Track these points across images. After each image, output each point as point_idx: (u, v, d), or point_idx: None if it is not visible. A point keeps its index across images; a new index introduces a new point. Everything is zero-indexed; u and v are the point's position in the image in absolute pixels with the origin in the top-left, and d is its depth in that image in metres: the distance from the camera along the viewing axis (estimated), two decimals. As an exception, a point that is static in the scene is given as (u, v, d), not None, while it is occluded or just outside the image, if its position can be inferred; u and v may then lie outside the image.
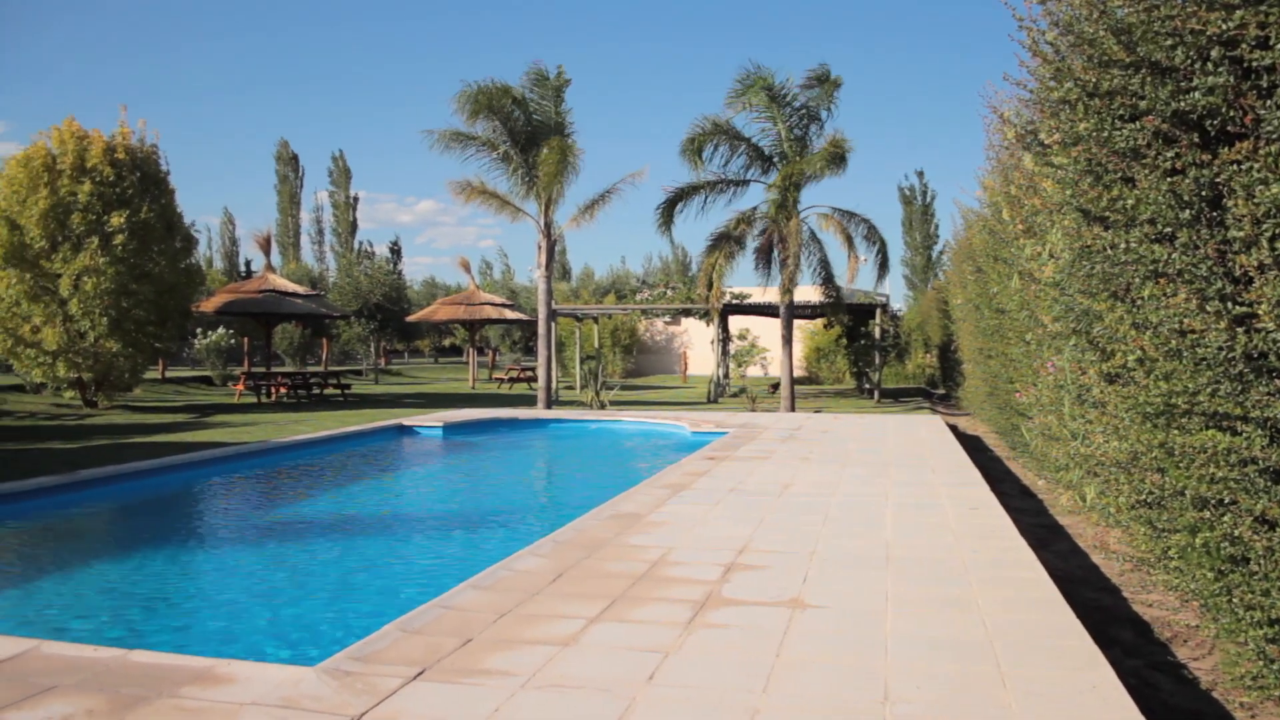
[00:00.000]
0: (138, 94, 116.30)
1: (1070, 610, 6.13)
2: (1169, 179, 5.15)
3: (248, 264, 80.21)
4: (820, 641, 5.64)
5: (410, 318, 47.57)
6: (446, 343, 75.15)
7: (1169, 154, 5.13)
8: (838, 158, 24.51)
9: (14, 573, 9.88)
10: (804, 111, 25.60)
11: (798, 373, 36.45)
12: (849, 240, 25.99)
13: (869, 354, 34.01)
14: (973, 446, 16.95)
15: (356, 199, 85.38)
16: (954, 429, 19.22)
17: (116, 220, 23.02)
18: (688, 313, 37.00)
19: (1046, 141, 7.03)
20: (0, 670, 5.28)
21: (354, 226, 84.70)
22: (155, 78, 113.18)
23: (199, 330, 36.77)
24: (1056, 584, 6.81)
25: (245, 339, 41.02)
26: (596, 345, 37.24)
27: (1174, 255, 5.15)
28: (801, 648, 5.51)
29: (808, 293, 29.23)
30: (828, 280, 27.26)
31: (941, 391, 33.91)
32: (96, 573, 9.80)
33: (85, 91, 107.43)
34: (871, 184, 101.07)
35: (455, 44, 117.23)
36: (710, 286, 26.38)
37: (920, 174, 67.11)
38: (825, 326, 40.03)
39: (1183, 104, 5.01)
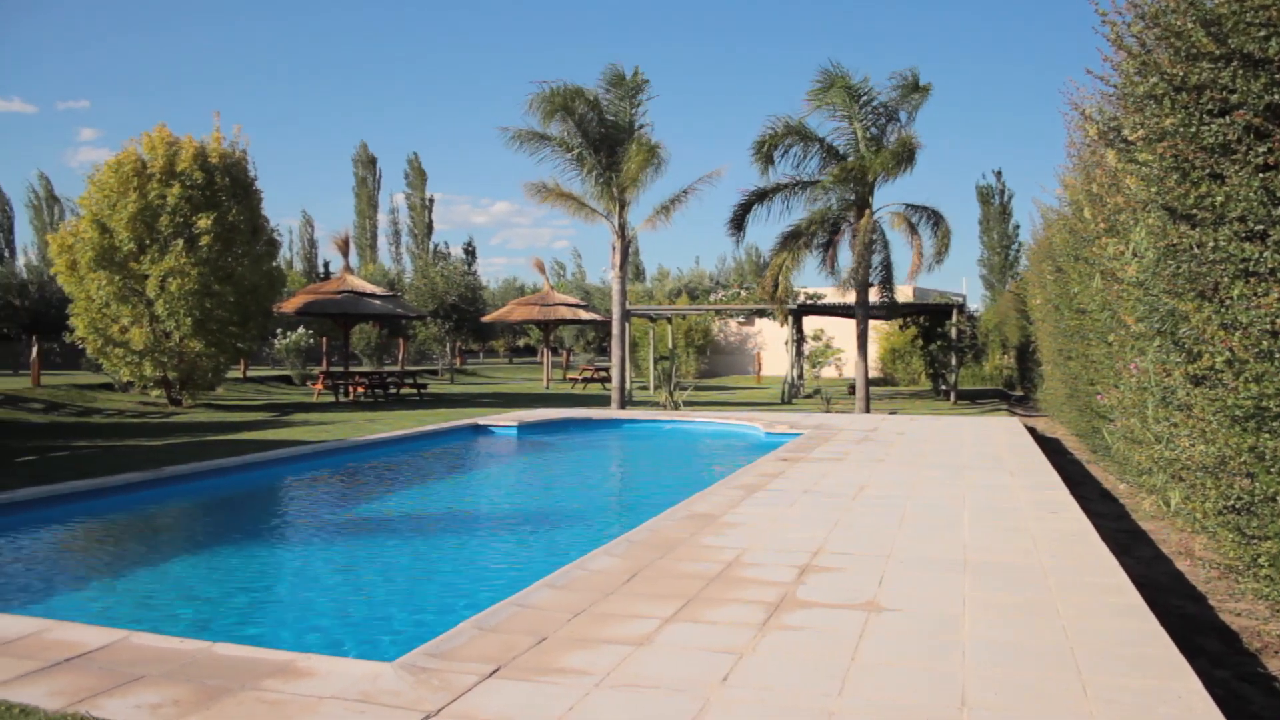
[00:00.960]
0: (223, 100, 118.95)
1: (1154, 618, 5.99)
2: (1261, 175, 5.01)
3: (326, 265, 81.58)
4: (896, 645, 5.58)
5: (485, 318, 47.96)
6: (521, 343, 75.68)
7: (1261, 149, 4.99)
8: (906, 156, 24.17)
9: (104, 565, 10.15)
10: (882, 111, 25.30)
11: (873, 374, 36.14)
12: (912, 229, 25.66)
13: (945, 355, 33.59)
14: (1051, 449, 16.65)
15: (432, 201, 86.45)
16: (1032, 431, 18.89)
17: (203, 223, 23.52)
18: (762, 313, 36.83)
19: (1130, 138, 6.88)
20: (93, 659, 5.43)
21: (430, 228, 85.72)
22: (238, 83, 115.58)
23: (279, 330, 37.42)
24: (1139, 590, 6.67)
25: (324, 339, 41.67)
26: (670, 346, 37.23)
27: (1266, 253, 5.01)
28: (877, 651, 5.46)
29: (875, 292, 28.91)
30: (887, 282, 26.90)
31: (1019, 393, 33.37)
32: (180, 566, 10.03)
33: (172, 98, 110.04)
34: (949, 183, 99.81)
35: (530, 45, 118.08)
36: (776, 286, 26.17)
37: (998, 173, 65.86)
38: (901, 327, 39.62)
39: (1276, 97, 4.87)
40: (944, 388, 33.61)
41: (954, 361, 32.43)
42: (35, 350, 28.02)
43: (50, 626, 6.11)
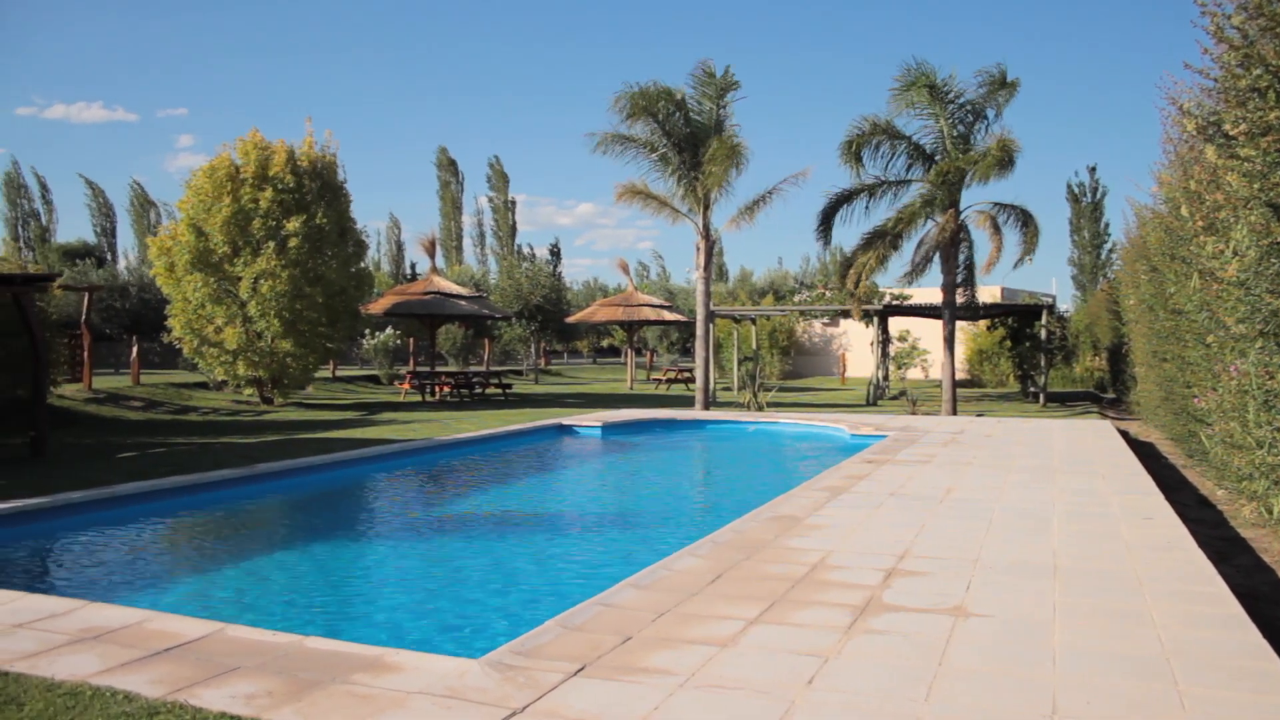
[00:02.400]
0: (311, 105, 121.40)
1: (1255, 628, 5.83)
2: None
3: (413, 267, 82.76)
4: (984, 651, 5.50)
5: (570, 319, 48.23)
6: (605, 343, 75.96)
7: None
8: (1006, 160, 23.60)
9: (200, 559, 10.43)
10: (968, 108, 24.88)
11: (960, 375, 35.64)
12: (996, 228, 25.18)
13: (1034, 356, 32.98)
14: (1145, 453, 16.26)
15: (514, 203, 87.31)
16: (1125, 435, 18.48)
17: (292, 225, 24.00)
18: (846, 314, 36.52)
19: (1231, 132, 6.69)
20: (190, 650, 5.59)
21: (513, 229, 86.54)
22: (326, 88, 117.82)
23: (367, 331, 38.01)
24: (1239, 600, 6.48)
25: (411, 339, 42.27)
26: (754, 346, 37.04)
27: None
28: (965, 657, 5.39)
29: (960, 293, 28.42)
30: (968, 281, 26.44)
31: (1111, 395, 32.64)
32: (272, 561, 10.25)
33: (263, 104, 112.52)
34: (1036, 181, 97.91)
35: (611, 45, 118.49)
36: (856, 285, 25.88)
37: (1092, 169, 64.51)
38: (988, 328, 39.00)
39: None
40: (1033, 390, 33.01)
41: (1043, 363, 31.82)
42: (135, 350, 28.82)
43: (150, 617, 6.30)
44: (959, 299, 26.67)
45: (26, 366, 16.48)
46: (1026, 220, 25.46)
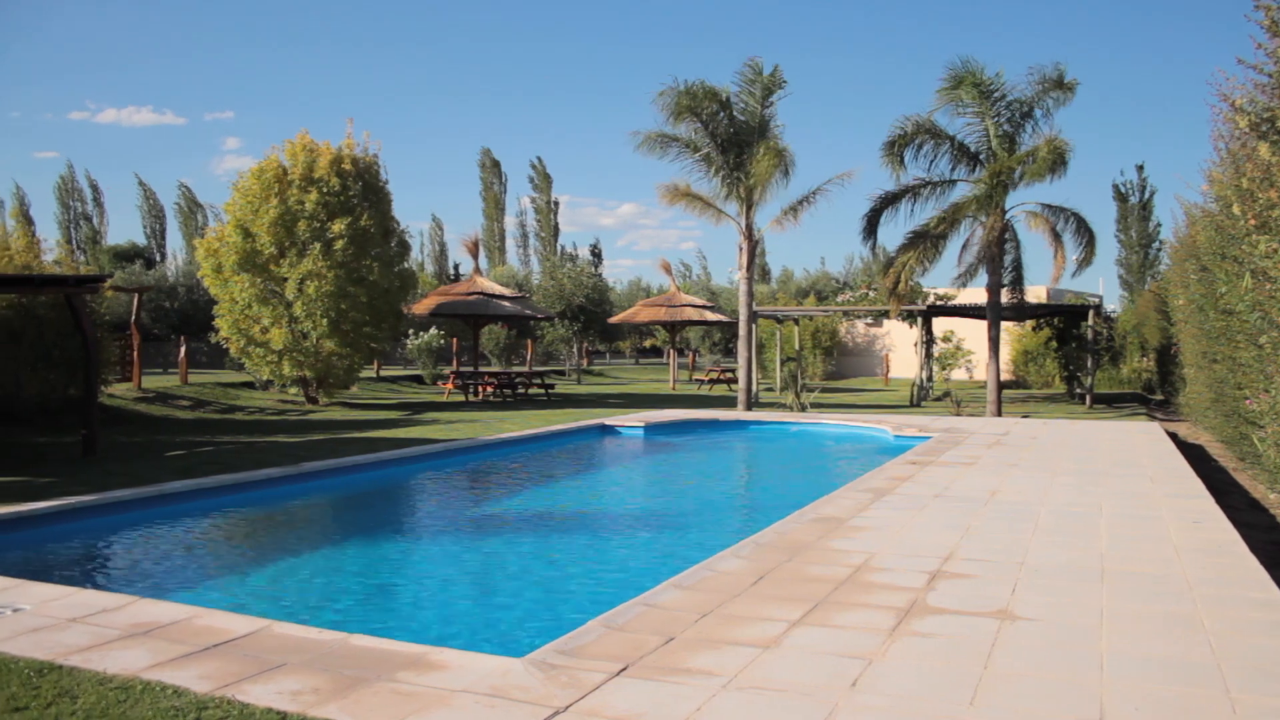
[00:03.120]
0: (354, 107, 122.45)
1: (1308, 633, 5.74)
2: None
3: (456, 267, 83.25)
4: (1030, 655, 5.45)
5: (612, 319, 48.30)
6: (647, 344, 76.01)
7: None
8: (1057, 162, 23.28)
9: (246, 556, 10.54)
10: (1016, 107, 24.58)
11: (1004, 376, 35.25)
12: (1056, 237, 24.87)
13: (1080, 357, 32.61)
14: (1194, 456, 16.03)
15: (557, 203, 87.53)
16: (1173, 437, 18.23)
17: (337, 227, 24.19)
18: (889, 314, 36.31)
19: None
20: (238, 646, 5.66)
21: (556, 230, 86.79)
22: (369, 90, 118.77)
23: (411, 331, 38.23)
24: (1292, 605, 6.39)
25: (454, 339, 42.49)
26: (797, 347, 36.92)
27: None
28: (1010, 661, 5.34)
29: (1006, 293, 28.12)
30: (1016, 282, 26.15)
31: (1159, 397, 32.21)
32: (317, 559, 10.35)
33: (307, 107, 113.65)
34: (1080, 179, 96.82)
35: (654, 46, 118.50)
36: (897, 283, 25.67)
37: (1140, 168, 63.71)
38: (1034, 329, 38.61)
39: None
40: (1079, 391, 32.66)
41: (1089, 364, 31.46)
42: (183, 350, 29.20)
43: (199, 613, 6.38)
44: (1008, 300, 26.42)
45: (79, 366, 16.77)
46: (1081, 225, 25.14)
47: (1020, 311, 30.14)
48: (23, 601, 6.69)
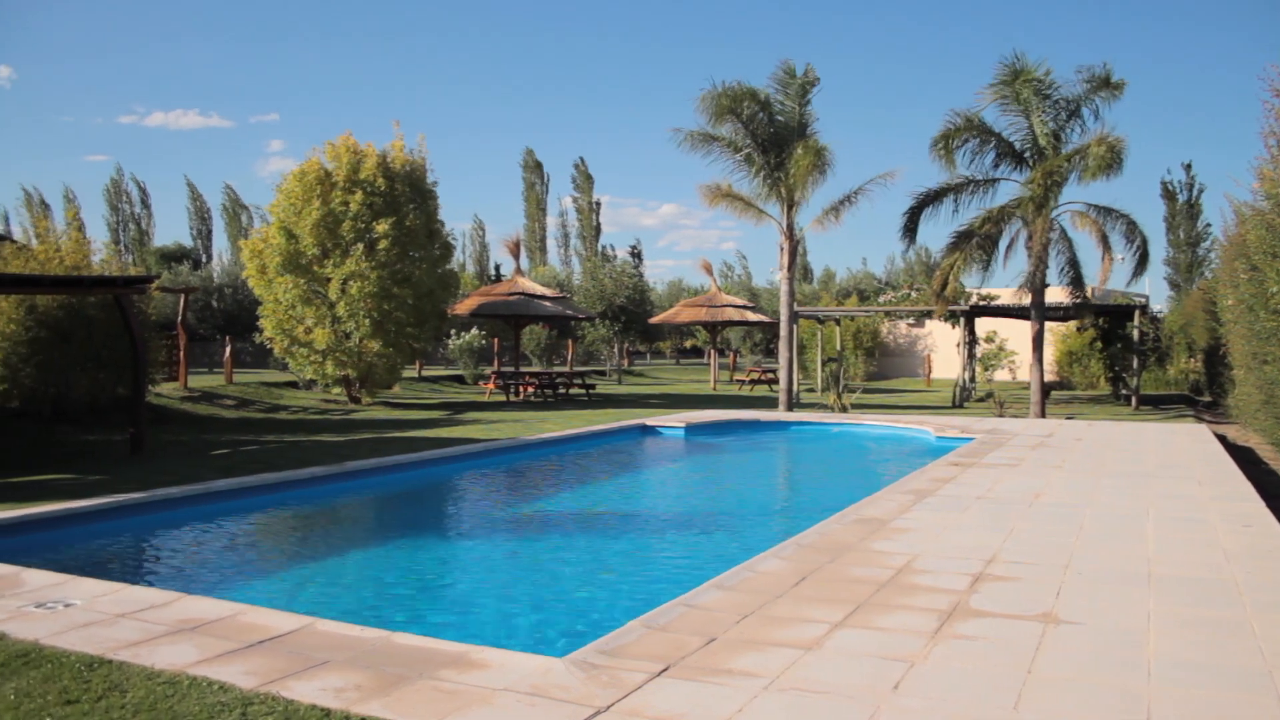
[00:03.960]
0: (398, 109, 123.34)
1: (1361, 640, 5.64)
2: None
3: (497, 268, 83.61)
4: (1075, 659, 5.40)
5: (653, 319, 48.29)
6: (688, 344, 75.93)
7: None
8: (1112, 161, 22.90)
9: (290, 554, 10.66)
10: (1063, 106, 24.29)
11: (1048, 377, 34.86)
12: (1104, 238, 24.56)
13: (1126, 358, 32.22)
14: (1244, 458, 15.80)
15: (599, 204, 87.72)
16: (1222, 439, 17.97)
17: (381, 227, 24.35)
18: (932, 315, 36.06)
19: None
20: (283, 643, 5.72)
21: (597, 230, 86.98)
22: (412, 91, 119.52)
23: (453, 331, 38.41)
24: (1345, 610, 6.28)
25: (495, 339, 42.66)
26: (838, 347, 36.70)
27: None
28: (1055, 665, 5.29)
29: (1060, 294, 27.84)
30: (1077, 281, 25.87)
31: (1207, 399, 31.76)
32: (360, 557, 10.44)
33: (351, 108, 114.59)
34: (1125, 177, 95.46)
35: (695, 47, 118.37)
36: (944, 287, 25.47)
37: (1188, 166, 62.71)
38: (1078, 329, 38.18)
39: None
40: (1124, 392, 32.29)
41: (1135, 365, 31.09)
42: (228, 350, 29.51)
43: (243, 610, 6.46)
44: (1070, 299, 26.14)
45: (127, 366, 16.99)
46: (1132, 228, 24.81)
47: (1065, 312, 29.84)
48: (73, 597, 6.80)
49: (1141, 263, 25.39)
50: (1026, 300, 25.85)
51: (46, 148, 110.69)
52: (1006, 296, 33.57)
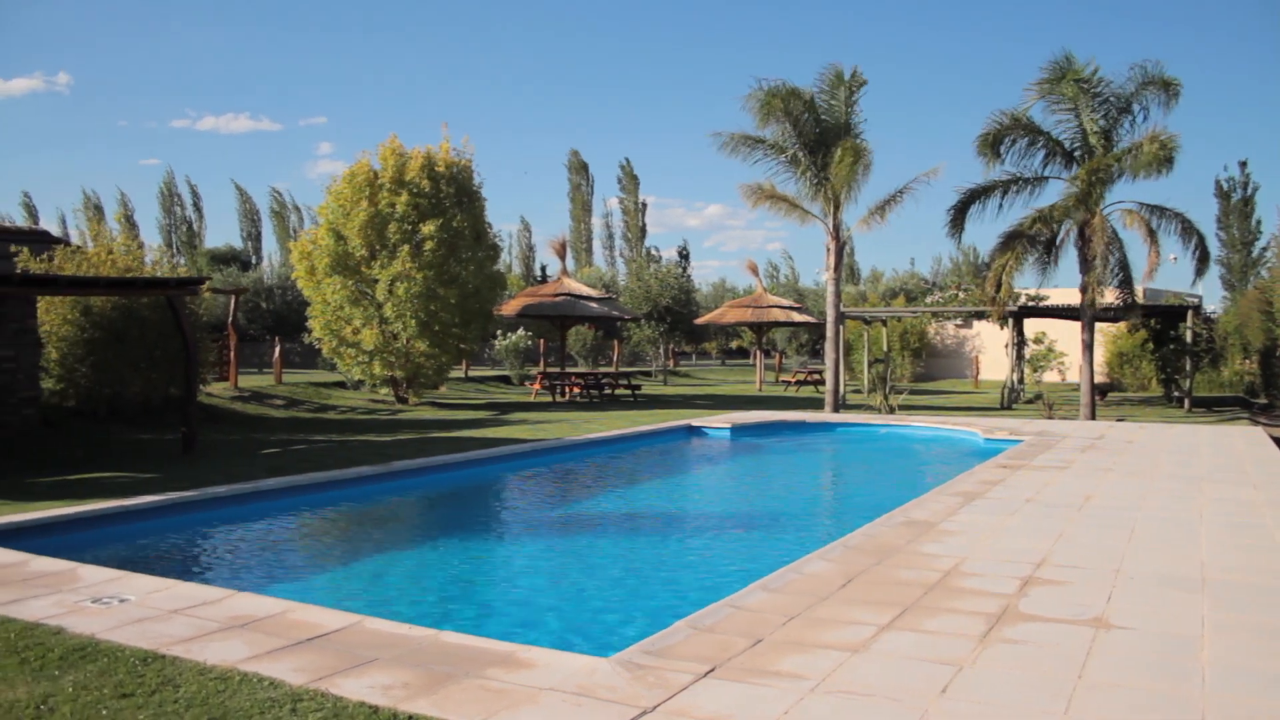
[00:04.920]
0: (445, 111, 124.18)
1: None
2: None
3: (543, 269, 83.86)
4: (1127, 665, 5.33)
5: (698, 320, 48.25)
6: (734, 345, 75.75)
7: None
8: (1164, 159, 22.55)
9: (338, 552, 10.76)
10: (1113, 104, 23.96)
11: (1099, 379, 34.41)
12: (1153, 237, 24.13)
13: (1178, 359, 31.75)
14: (1302, 462, 15.52)
15: (644, 205, 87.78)
16: (1278, 442, 17.65)
17: (428, 229, 24.52)
18: (980, 316, 35.73)
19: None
20: (331, 640, 5.77)
21: (643, 231, 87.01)
22: (460, 93, 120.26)
23: (499, 332, 38.61)
24: (1405, 617, 6.15)
25: (541, 340, 42.82)
26: (885, 348, 36.48)
27: None
28: (1106, 670, 5.22)
29: (1110, 294, 27.45)
30: (1127, 282, 25.47)
31: (1263, 401, 31.23)
32: (407, 556, 10.52)
33: (398, 111, 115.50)
34: (1177, 177, 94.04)
35: (740, 48, 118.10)
36: (999, 288, 25.20)
37: (1243, 164, 61.56)
38: (1130, 330, 37.67)
39: None
40: (1177, 394, 31.82)
41: (1188, 366, 30.63)
42: (277, 350, 29.83)
43: (292, 608, 6.53)
44: (1117, 301, 25.79)
45: (179, 366, 17.23)
46: (1187, 227, 24.41)
47: (1116, 312, 29.47)
48: (128, 592, 6.91)
49: (1202, 261, 24.97)
50: (1076, 300, 25.54)
51: (103, 152, 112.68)
52: (1056, 297, 33.19)
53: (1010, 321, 33.50)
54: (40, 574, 7.47)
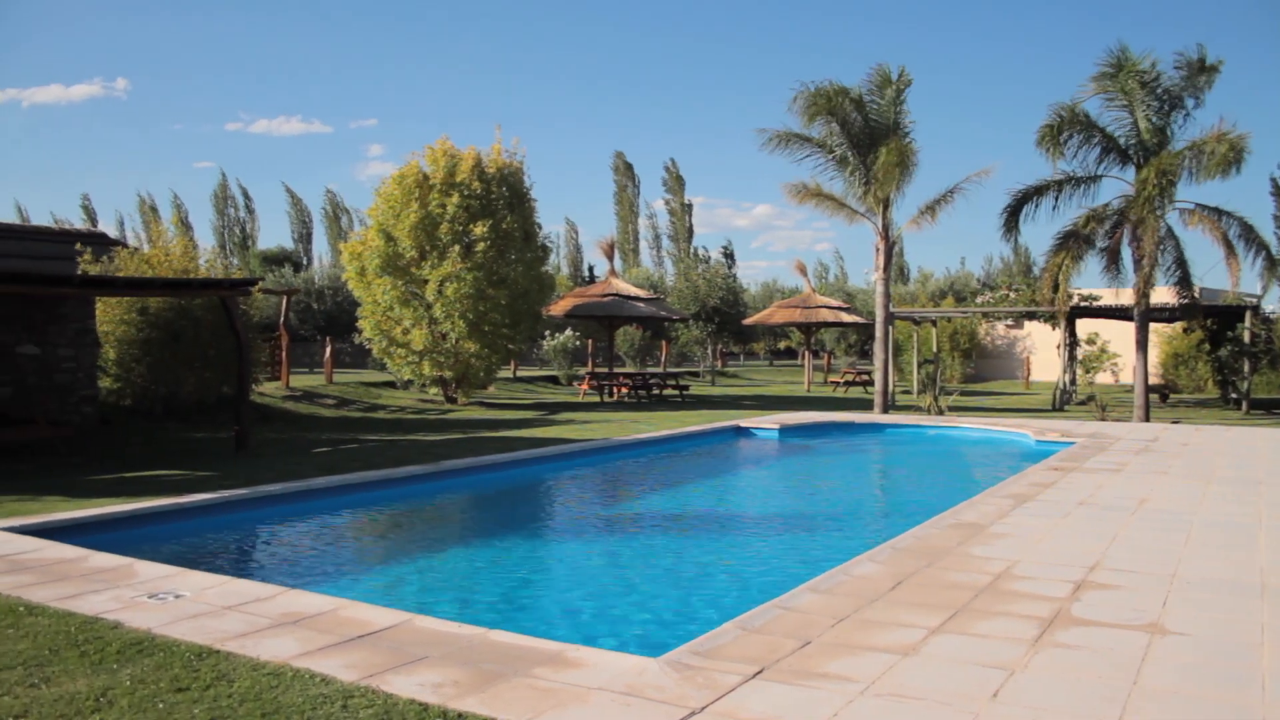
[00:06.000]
0: (494, 112, 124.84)
1: None
2: None
3: (590, 269, 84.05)
4: (1183, 672, 5.25)
5: (746, 320, 48.09)
6: (782, 345, 75.46)
7: None
8: (1233, 160, 22.02)
9: (388, 550, 10.86)
10: (1165, 97, 23.55)
11: (1153, 380, 33.89)
12: (1226, 242, 23.65)
13: (1236, 361, 31.20)
14: (1364, 466, 15.19)
15: (690, 205, 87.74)
16: (1341, 445, 17.32)
17: (478, 229, 24.64)
18: (1031, 316, 35.29)
19: None
20: (382, 638, 5.82)
21: (690, 232, 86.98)
22: (507, 95, 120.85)
23: (547, 332, 38.71)
24: None
25: (589, 340, 42.89)
26: (934, 349, 36.14)
27: None
28: (1161, 677, 5.15)
29: (1165, 294, 27.01)
30: (1184, 282, 25.03)
31: (1325, 403, 30.62)
32: (455, 555, 10.59)
33: (447, 112, 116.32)
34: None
35: (787, 46, 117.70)
36: (1055, 289, 24.86)
37: (1302, 163, 60.37)
38: (1185, 331, 37.07)
39: None
40: (1234, 396, 31.27)
41: (1246, 368, 30.09)
42: (328, 350, 30.12)
43: (343, 605, 6.59)
44: (1174, 301, 25.39)
45: (232, 365, 17.46)
46: (1248, 230, 23.94)
47: (1171, 313, 29.01)
48: (183, 588, 7.01)
49: (1271, 267, 24.51)
50: (1129, 300, 25.18)
51: (159, 155, 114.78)
52: (1109, 297, 32.75)
53: (1062, 322, 33.08)
54: (99, 569, 7.60)
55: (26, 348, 16.44)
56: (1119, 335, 35.06)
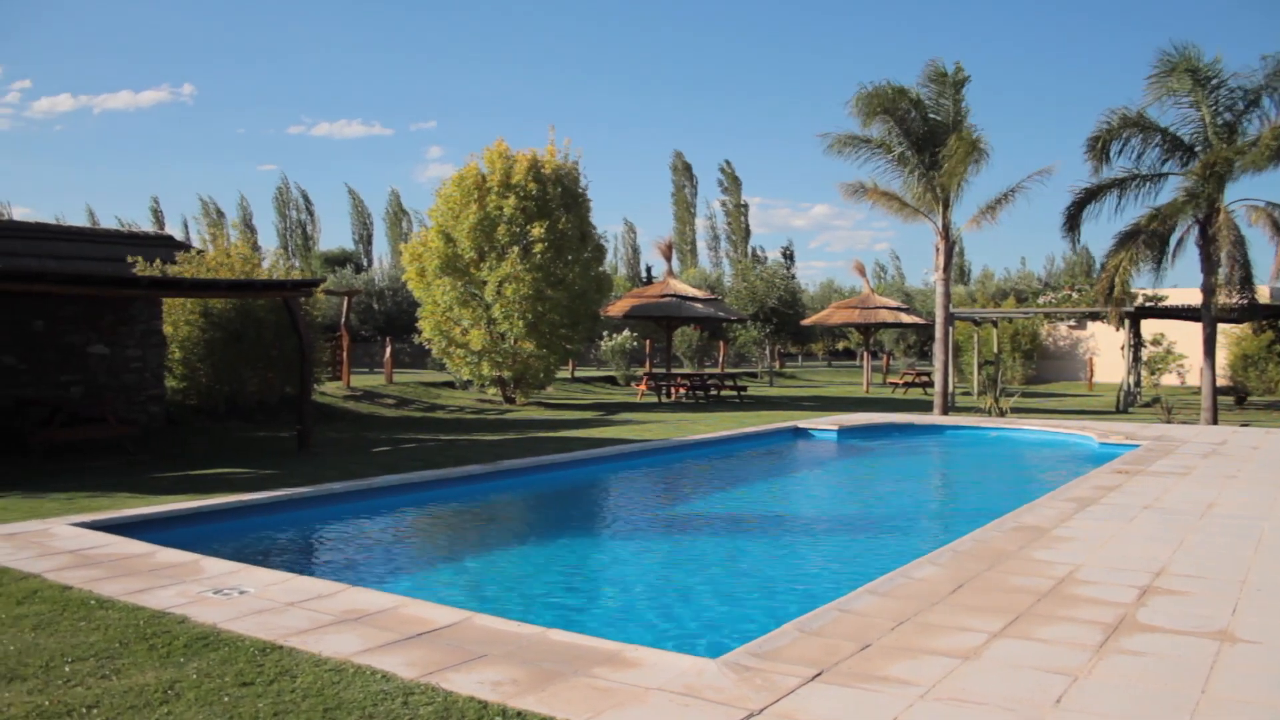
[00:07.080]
0: (550, 114, 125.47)
1: None
2: None
3: (648, 270, 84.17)
4: (1254, 681, 5.14)
5: (805, 321, 47.88)
6: (840, 346, 75.09)
7: None
8: None
9: (447, 549, 10.94)
10: (1239, 95, 23.05)
11: (1220, 382, 33.24)
12: (1278, 230, 23.15)
13: (1309, 362, 30.49)
14: None
15: (747, 205, 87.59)
16: None
17: (536, 231, 24.76)
18: (1094, 317, 34.74)
19: None
20: (442, 636, 5.87)
21: (747, 232, 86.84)
22: (564, 96, 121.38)
23: (605, 333, 38.79)
24: None
25: (647, 341, 42.91)
26: (995, 350, 35.73)
27: None
28: (1231, 685, 5.04)
29: (1227, 294, 26.39)
30: (1247, 281, 24.45)
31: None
32: (514, 554, 10.64)
33: (505, 114, 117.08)
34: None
35: (843, 45, 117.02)
36: (1113, 289, 24.43)
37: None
38: (1255, 331, 36.31)
39: None
40: (1307, 399, 30.58)
41: (1320, 370, 29.40)
42: (388, 350, 30.44)
43: (404, 603, 6.65)
44: (1237, 300, 24.84)
45: (294, 365, 17.71)
46: None
47: (1240, 313, 28.40)
48: (247, 585, 7.12)
49: None
50: (1195, 300, 24.68)
51: (223, 159, 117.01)
52: (1175, 297, 32.16)
53: (1126, 322, 32.54)
54: (166, 565, 7.75)
55: (96, 348, 16.81)
56: (1185, 336, 34.45)
